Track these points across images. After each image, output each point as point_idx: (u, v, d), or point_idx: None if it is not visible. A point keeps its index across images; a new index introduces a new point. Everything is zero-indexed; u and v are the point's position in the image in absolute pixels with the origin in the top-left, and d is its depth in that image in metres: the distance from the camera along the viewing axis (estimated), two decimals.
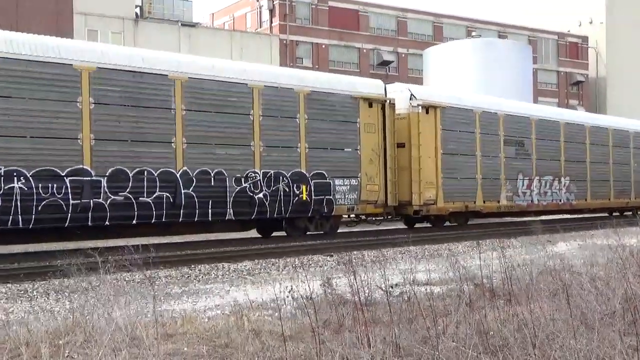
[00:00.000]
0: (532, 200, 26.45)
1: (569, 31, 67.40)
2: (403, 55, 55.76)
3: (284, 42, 49.86)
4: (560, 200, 27.94)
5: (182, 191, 15.99)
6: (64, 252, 12.98)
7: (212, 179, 16.60)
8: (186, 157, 16.17)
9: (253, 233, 20.15)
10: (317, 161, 18.82)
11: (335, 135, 19.35)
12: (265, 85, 17.78)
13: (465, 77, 42.33)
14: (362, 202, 19.85)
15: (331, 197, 19.06)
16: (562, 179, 28.02)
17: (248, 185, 17.23)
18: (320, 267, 13.28)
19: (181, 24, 45.57)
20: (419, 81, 47.81)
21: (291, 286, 7.73)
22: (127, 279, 10.95)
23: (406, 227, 24.21)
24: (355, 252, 14.87)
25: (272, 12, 50.63)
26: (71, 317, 6.99)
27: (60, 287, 10.47)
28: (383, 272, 7.93)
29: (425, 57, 48.27)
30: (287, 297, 7.86)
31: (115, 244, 15.06)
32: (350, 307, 6.73)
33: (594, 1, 68.80)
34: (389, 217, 22.01)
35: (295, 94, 18.46)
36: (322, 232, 19.42)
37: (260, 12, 52.09)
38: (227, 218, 16.99)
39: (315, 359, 5.28)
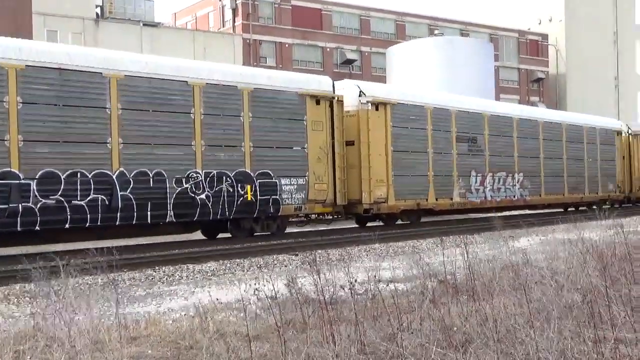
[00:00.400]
0: (485, 197, 26.25)
1: (529, 29, 68.29)
2: (366, 53, 55.97)
3: (247, 41, 49.71)
4: (514, 196, 27.81)
5: (119, 193, 15.49)
6: (25, 256, 12.79)
7: (151, 180, 16.13)
8: (122, 157, 15.65)
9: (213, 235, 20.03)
10: (263, 160, 18.39)
11: (281, 133, 18.94)
12: (207, 83, 17.36)
13: (428, 76, 42.63)
14: (310, 201, 19.48)
15: (277, 197, 18.69)
16: (516, 175, 27.88)
17: (189, 186, 16.78)
18: (285, 266, 13.27)
19: (143, 24, 45.16)
20: (382, 79, 48.05)
21: (256, 286, 7.72)
22: (89, 282, 10.83)
23: (357, 226, 23.97)
24: (320, 251, 14.89)
25: (234, 11, 50.44)
26: (32, 322, 6.89)
27: (21, 292, 10.32)
28: (347, 270, 7.95)
29: (388, 55, 48.53)
30: (252, 297, 7.85)
31: (77, 247, 14.88)
32: (315, 306, 6.75)
33: (553, 0, 69.83)
34: (339, 216, 21.68)
35: (238, 91, 18.02)
36: (269, 233, 19.00)
37: (222, 11, 51.85)
38: (167, 220, 16.53)
39: (281, 359, 5.28)
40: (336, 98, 20.47)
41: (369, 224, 23.75)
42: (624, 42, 75.32)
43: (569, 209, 33.09)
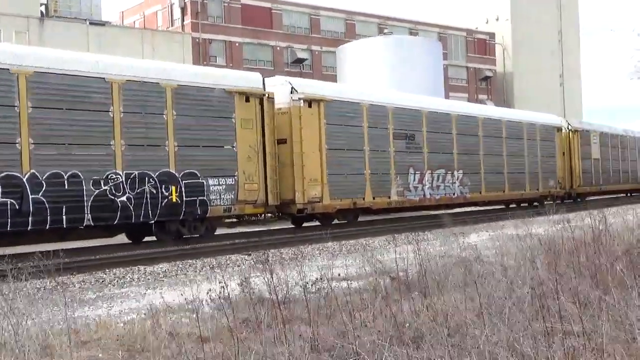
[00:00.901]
0: (424, 195, 25.84)
1: (477, 28, 69.26)
2: (317, 52, 56.04)
3: (197, 40, 49.29)
4: (453, 194, 27.47)
5: (30, 196, 14.57)
6: None
7: (66, 182, 15.24)
8: (33, 158, 14.76)
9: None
10: (189, 160, 17.69)
11: (208, 132, 18.25)
12: (127, 80, 16.54)
13: (378, 74, 42.92)
14: (240, 202, 18.81)
15: (205, 198, 17.98)
16: (455, 172, 27.54)
17: (109, 188, 15.91)
18: (238, 266, 13.22)
19: (89, 23, 44.38)
20: (333, 79, 48.17)
21: (209, 287, 7.66)
22: (38, 286, 10.62)
23: (293, 226, 23.45)
24: (273, 250, 14.88)
25: (183, 10, 49.95)
26: None
27: None
28: (300, 269, 7.96)
29: (338, 54, 48.70)
30: (205, 298, 7.80)
31: (24, 251, 14.58)
32: (268, 306, 6.73)
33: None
34: (271, 216, 21.04)
35: (161, 88, 17.26)
36: (197, 235, 18.27)
37: (171, 10, 51.30)
38: (85, 224, 15.65)
39: (234, 359, 5.26)
40: (267, 95, 19.87)
41: (305, 224, 23.27)
42: (568, 41, 77.06)
43: (511, 206, 33.36)
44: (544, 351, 4.75)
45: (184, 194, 17.48)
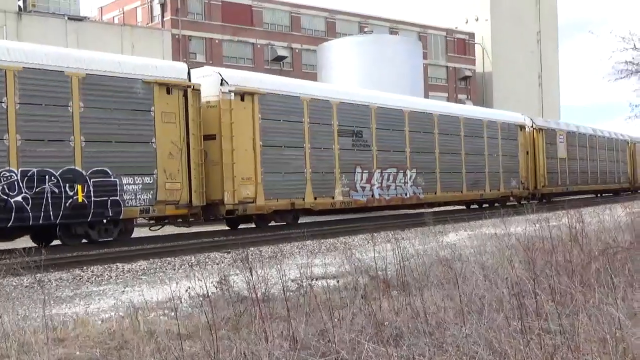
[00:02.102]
0: (373, 195, 24.36)
1: (456, 28, 69.59)
2: (297, 50, 56.01)
3: (177, 37, 49.08)
4: (405, 194, 25.96)
5: None
6: None
7: None
8: None
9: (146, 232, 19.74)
10: (98, 157, 16.15)
11: (122, 126, 16.66)
12: (24, 67, 14.94)
13: (358, 73, 43.03)
14: (159, 202, 17.29)
15: (118, 198, 16.47)
16: (408, 171, 26.08)
17: (0, 187, 14.44)
18: (218, 264, 13.18)
19: (68, 18, 44.02)
20: (314, 77, 48.18)
21: (188, 285, 7.64)
22: (15, 283, 10.52)
23: (229, 228, 21.88)
24: (252, 248, 14.85)
25: (163, 6, 49.70)
26: None
27: None
28: (280, 267, 7.96)
29: (319, 52, 48.74)
30: (184, 295, 7.77)
31: (2, 248, 14.44)
32: (248, 304, 6.72)
33: (479, 0, 71.37)
34: (194, 218, 19.18)
35: (66, 77, 15.68)
36: (111, 239, 16.80)
37: (151, 6, 51.04)
38: None
39: (213, 357, 5.24)
40: (192, 87, 18.33)
41: (241, 226, 21.78)
42: (547, 41, 77.72)
43: (472, 207, 32.38)
44: (521, 349, 4.79)
45: (92, 193, 15.95)
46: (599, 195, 45.99)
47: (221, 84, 19.29)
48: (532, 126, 35.60)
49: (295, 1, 57.44)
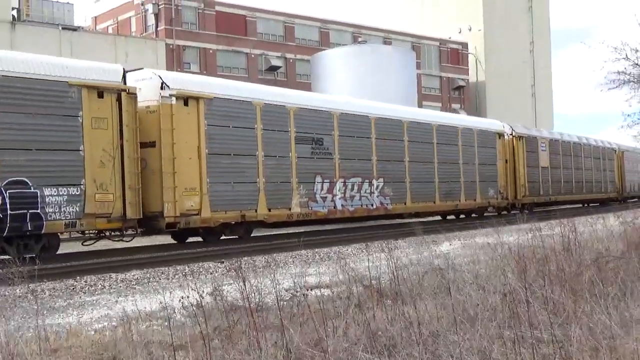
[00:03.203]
0: (335, 206, 22.87)
1: (450, 38, 69.85)
2: (291, 60, 56.11)
3: (171, 47, 49.11)
4: (372, 205, 24.51)
5: None
6: None
7: None
8: None
9: (145, 241, 19.70)
10: (16, 166, 14.83)
11: (44, 132, 15.30)
12: None
13: (351, 83, 43.15)
14: (88, 215, 15.82)
15: (39, 211, 15.03)
16: (375, 181, 24.61)
17: None
18: (211, 274, 13.16)
19: (62, 28, 44.02)
20: (307, 86, 48.28)
21: (181, 295, 7.63)
22: (7, 293, 10.48)
23: (175, 242, 20.45)
24: (246, 258, 14.84)
25: (157, 16, 49.74)
26: None
27: None
28: (274, 277, 7.96)
29: (312, 62, 48.88)
30: (178, 305, 7.76)
31: None
32: (241, 313, 6.72)
33: (472, 10, 71.70)
34: (129, 232, 17.61)
35: None
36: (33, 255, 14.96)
37: (145, 16, 51.07)
38: None
39: None
40: (127, 90, 16.89)
41: (190, 240, 20.35)
42: (540, 51, 78.06)
43: (448, 217, 31.27)
44: (514, 359, 4.80)
45: (8, 206, 14.58)
46: (585, 205, 44.93)
47: (161, 88, 17.90)
48: (511, 134, 34.38)
49: (289, 11, 57.61)
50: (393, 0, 78.67)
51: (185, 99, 18.35)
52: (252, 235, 21.10)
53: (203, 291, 7.23)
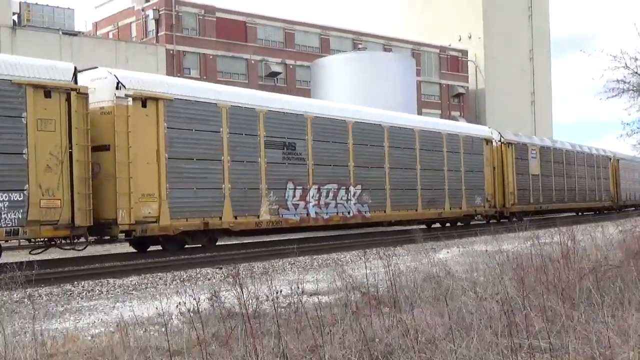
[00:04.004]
0: (308, 214, 21.92)
1: (450, 45, 69.95)
2: (291, 66, 56.17)
3: (171, 52, 49.17)
4: (348, 213, 23.53)
5: None
6: None
7: None
8: None
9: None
10: None
11: None
12: None
13: (351, 89, 43.21)
14: (32, 222, 14.87)
15: None
16: (352, 187, 23.66)
17: None
18: (209, 280, 13.15)
19: (62, 33, 44.10)
20: (307, 93, 48.33)
21: (179, 300, 7.62)
22: (4, 298, 10.46)
23: (135, 251, 19.43)
24: (244, 264, 14.83)
25: (157, 22, 49.83)
26: None
27: None
28: (271, 284, 7.94)
29: (312, 69, 48.96)
30: (175, 311, 7.75)
31: None
32: (238, 320, 6.71)
33: (472, 17, 71.81)
34: (77, 240, 16.60)
35: None
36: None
37: (145, 22, 51.15)
38: None
39: None
40: (77, 90, 15.85)
41: (151, 249, 19.36)
42: (539, 59, 78.18)
43: (433, 226, 30.33)
44: None
45: None
46: (579, 214, 44.18)
47: (117, 88, 16.90)
48: (500, 140, 33.50)
49: (289, 17, 57.73)
50: (393, 7, 78.83)
51: (143, 100, 17.39)
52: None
53: (199, 298, 7.22)
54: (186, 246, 18.89)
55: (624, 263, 9.59)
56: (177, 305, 7.43)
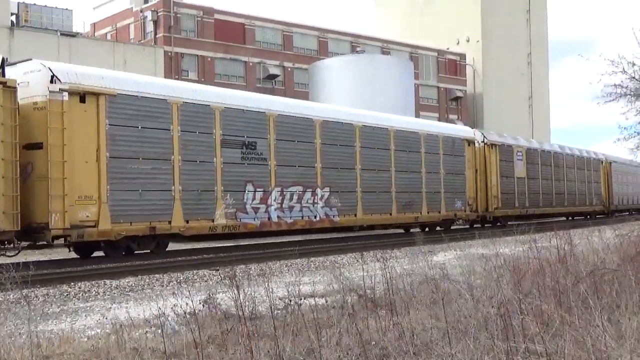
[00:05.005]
0: (269, 218, 20.72)
1: (448, 49, 70.01)
2: (289, 69, 56.17)
3: (169, 54, 49.14)
4: (315, 217, 22.26)
5: None
6: None
7: None
8: None
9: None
10: None
11: None
12: None
13: (349, 92, 43.21)
14: None
15: None
16: (319, 190, 22.42)
17: None
18: (206, 281, 13.14)
19: (60, 34, 44.07)
20: (306, 95, 48.33)
21: (174, 302, 7.61)
22: (0, 298, 10.45)
23: (78, 257, 17.92)
24: (241, 266, 14.83)
25: (156, 23, 49.81)
26: None
27: None
28: (268, 286, 7.94)
29: (310, 71, 48.95)
30: (171, 313, 7.73)
31: None
32: (235, 322, 6.70)
33: (470, 21, 71.88)
34: (14, 245, 15.75)
35: None
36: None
37: (144, 23, 51.13)
38: None
39: None
40: (4, 83, 14.79)
41: (96, 254, 18.04)
42: (537, 63, 78.27)
43: (412, 230, 29.20)
44: None
45: None
46: (569, 218, 43.08)
47: (51, 81, 15.68)
48: (483, 141, 32.06)
49: (287, 20, 57.73)
50: (391, 11, 78.86)
51: (81, 95, 16.16)
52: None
53: (196, 299, 7.21)
54: (135, 252, 17.82)
55: (620, 267, 9.60)
56: (172, 307, 7.43)
